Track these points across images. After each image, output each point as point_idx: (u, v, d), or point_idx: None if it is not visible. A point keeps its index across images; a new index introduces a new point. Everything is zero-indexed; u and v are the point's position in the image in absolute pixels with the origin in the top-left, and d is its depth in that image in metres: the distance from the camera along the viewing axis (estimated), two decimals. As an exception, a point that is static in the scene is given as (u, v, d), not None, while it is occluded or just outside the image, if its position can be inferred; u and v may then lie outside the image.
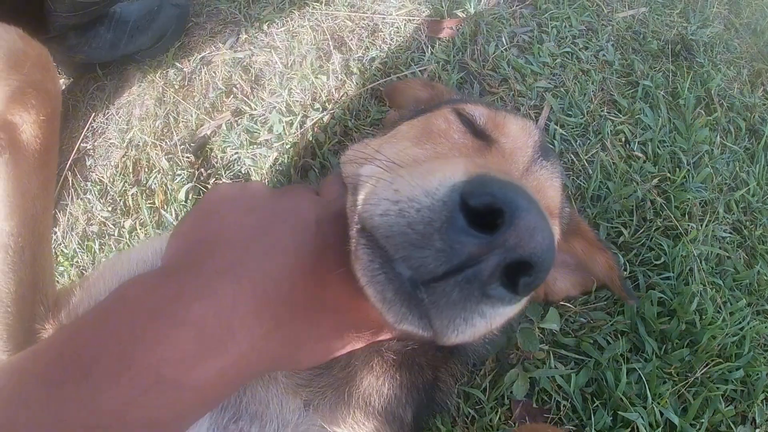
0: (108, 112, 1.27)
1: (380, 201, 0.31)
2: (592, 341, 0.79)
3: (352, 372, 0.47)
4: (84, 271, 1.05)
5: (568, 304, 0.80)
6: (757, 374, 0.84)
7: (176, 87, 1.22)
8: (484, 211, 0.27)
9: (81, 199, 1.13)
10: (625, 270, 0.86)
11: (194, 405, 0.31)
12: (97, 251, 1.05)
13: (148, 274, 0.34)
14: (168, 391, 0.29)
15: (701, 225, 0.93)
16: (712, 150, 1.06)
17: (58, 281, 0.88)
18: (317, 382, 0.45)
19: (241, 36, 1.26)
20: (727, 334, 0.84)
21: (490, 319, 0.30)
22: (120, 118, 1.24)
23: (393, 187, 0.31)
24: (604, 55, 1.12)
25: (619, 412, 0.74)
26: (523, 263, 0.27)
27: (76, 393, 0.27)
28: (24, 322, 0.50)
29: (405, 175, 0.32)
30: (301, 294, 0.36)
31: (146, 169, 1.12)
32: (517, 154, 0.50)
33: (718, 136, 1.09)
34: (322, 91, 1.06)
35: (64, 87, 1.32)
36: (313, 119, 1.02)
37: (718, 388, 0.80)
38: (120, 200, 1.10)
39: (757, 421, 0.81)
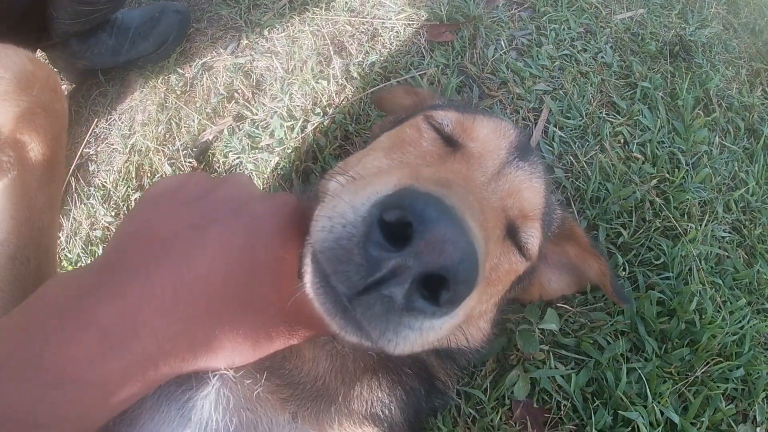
0: (110, 118, 1.29)
1: (320, 218, 0.33)
2: (592, 341, 0.81)
3: (327, 382, 0.48)
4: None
5: (567, 306, 0.82)
6: (758, 373, 0.85)
7: (178, 92, 1.24)
8: (399, 224, 0.28)
9: (84, 204, 1.15)
10: (625, 270, 0.88)
11: (100, 402, 0.32)
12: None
13: (72, 272, 0.37)
14: (72, 389, 0.30)
15: (700, 225, 0.95)
16: (711, 150, 1.08)
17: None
18: (298, 395, 0.46)
19: (242, 41, 1.29)
20: (727, 333, 0.85)
21: (421, 331, 0.31)
22: (122, 123, 1.27)
23: (332, 204, 0.33)
24: (602, 57, 1.15)
25: (619, 412, 0.75)
26: (441, 277, 0.28)
27: None
28: None
29: (345, 192, 0.34)
30: (222, 294, 0.36)
31: (149, 174, 1.15)
32: (486, 157, 0.51)
33: (717, 137, 1.11)
34: (322, 95, 1.09)
35: (66, 93, 1.34)
36: (314, 124, 1.05)
37: (718, 386, 0.81)
38: (123, 205, 1.12)
39: (758, 420, 0.83)
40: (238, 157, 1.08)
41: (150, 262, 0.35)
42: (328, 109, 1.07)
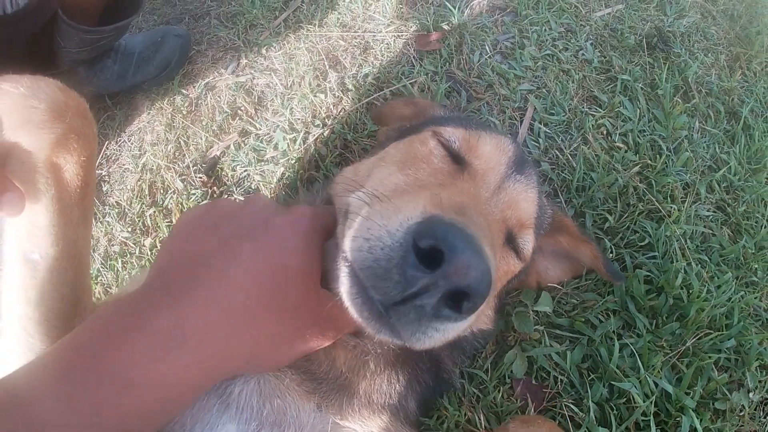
0: (120, 140, 1.42)
1: (356, 238, 0.42)
2: (584, 320, 0.90)
3: (348, 378, 0.56)
4: (108, 289, 1.18)
5: (559, 287, 0.91)
6: (749, 343, 0.94)
7: (184, 112, 1.37)
8: (431, 251, 0.37)
9: (101, 222, 1.27)
10: (612, 253, 0.97)
11: (159, 404, 0.38)
12: (120, 269, 1.19)
13: (124, 295, 0.42)
14: (134, 391, 0.36)
15: (683, 206, 1.04)
16: (692, 135, 1.17)
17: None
18: (323, 388, 0.55)
19: (241, 61, 1.41)
20: (715, 306, 0.94)
21: (443, 332, 0.40)
22: (132, 144, 1.39)
23: (366, 226, 0.42)
24: (583, 55, 1.25)
25: (614, 384, 0.84)
26: (464, 293, 0.37)
27: (54, 394, 0.34)
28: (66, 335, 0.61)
29: (376, 215, 0.43)
30: (255, 303, 0.42)
31: (161, 191, 1.26)
32: (488, 174, 0.60)
33: (697, 122, 1.20)
34: (321, 108, 1.20)
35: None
36: (314, 135, 1.16)
37: (710, 357, 0.89)
38: (139, 221, 1.24)
39: (750, 386, 0.91)
40: (246, 170, 1.19)
41: (192, 279, 0.41)
42: (326, 120, 1.18)
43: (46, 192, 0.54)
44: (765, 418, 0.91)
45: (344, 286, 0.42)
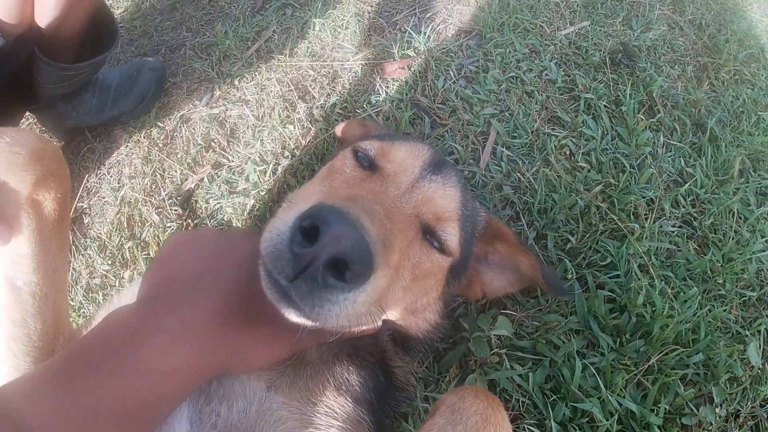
0: (100, 172, 1.49)
1: (265, 234, 0.49)
2: (546, 341, 0.95)
3: (304, 358, 0.63)
4: (92, 321, 1.24)
5: (514, 313, 0.96)
6: (718, 356, 0.97)
7: (160, 145, 1.43)
8: (311, 229, 0.43)
9: (82, 254, 1.33)
10: (574, 274, 1.01)
11: (172, 387, 0.47)
12: (101, 301, 1.25)
13: (125, 305, 0.52)
14: (152, 377, 0.45)
15: (647, 223, 1.09)
16: (656, 150, 1.22)
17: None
18: (277, 367, 0.60)
19: (215, 92, 1.49)
20: (679, 322, 0.98)
21: (339, 303, 0.45)
22: (111, 177, 1.46)
23: (273, 223, 0.49)
24: (547, 75, 1.31)
25: (576, 405, 0.88)
26: (343, 260, 0.42)
27: (85, 386, 0.42)
28: (46, 355, 0.67)
29: (281, 213, 0.51)
30: (238, 311, 0.53)
31: (139, 224, 1.33)
32: (400, 175, 0.66)
33: (662, 136, 1.26)
34: (290, 139, 1.27)
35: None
36: (284, 166, 1.22)
37: (675, 373, 0.93)
38: (118, 254, 1.30)
39: (716, 401, 0.94)
40: (218, 203, 1.25)
41: (191, 292, 0.53)
42: (296, 151, 1.24)
43: (28, 225, 0.65)
44: (736, 431, 0.95)
45: (261, 276, 0.49)
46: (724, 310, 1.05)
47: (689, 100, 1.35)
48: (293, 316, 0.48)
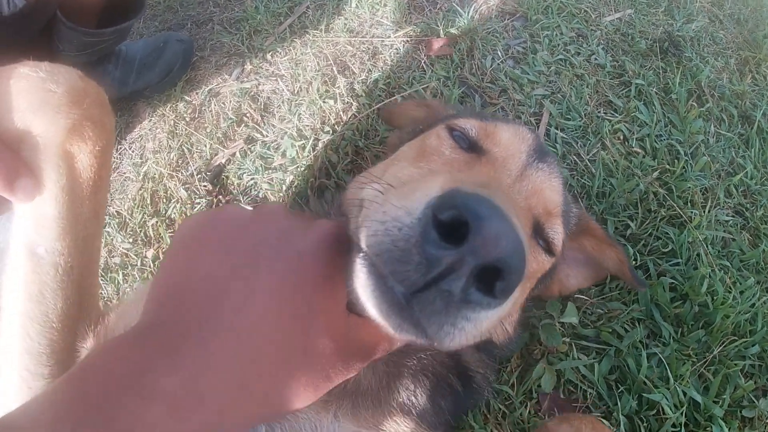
0: (120, 147, 1.40)
1: (371, 223, 0.36)
2: (610, 330, 0.90)
3: (368, 384, 0.54)
4: (109, 302, 1.16)
5: (585, 297, 0.91)
6: (774, 349, 0.94)
7: (187, 119, 1.36)
8: (453, 223, 0.32)
9: (101, 234, 1.25)
10: (636, 260, 0.97)
11: None
12: (121, 282, 1.17)
13: (119, 337, 0.36)
14: None
15: (704, 211, 1.06)
16: (708, 139, 1.19)
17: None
18: (342, 394, 0.52)
19: (246, 66, 1.41)
20: (739, 312, 0.95)
21: (476, 322, 0.34)
22: (133, 152, 1.37)
23: (382, 209, 0.37)
24: (595, 59, 1.27)
25: (644, 395, 0.84)
26: (495, 269, 0.31)
27: None
28: (67, 339, 0.56)
29: (392, 197, 0.38)
30: (277, 347, 0.37)
31: (164, 200, 1.25)
32: (508, 161, 0.58)
33: (712, 126, 1.23)
34: (330, 114, 1.20)
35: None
36: (324, 141, 1.16)
37: (736, 364, 0.90)
38: (140, 231, 1.22)
39: (778, 394, 0.91)
40: (252, 178, 1.18)
41: (202, 323, 0.35)
42: (336, 126, 1.18)
43: (57, 181, 0.52)
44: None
45: (360, 279, 0.37)
46: (778, 303, 1.02)
47: (735, 92, 1.32)
48: (406, 335, 0.36)
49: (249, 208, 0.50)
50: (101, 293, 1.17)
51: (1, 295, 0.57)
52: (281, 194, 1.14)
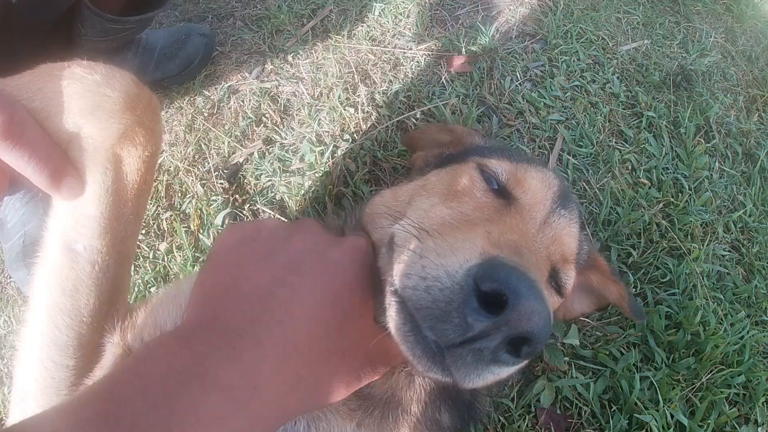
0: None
1: (411, 276, 0.41)
2: (607, 353, 0.97)
3: (394, 395, 0.59)
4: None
5: (587, 320, 0.97)
6: (758, 379, 1.02)
7: (205, 114, 1.39)
8: (493, 294, 0.37)
9: (113, 224, 1.28)
10: (635, 288, 1.04)
11: None
12: (132, 273, 1.20)
13: (171, 333, 0.40)
14: None
15: (703, 245, 1.13)
16: (711, 175, 1.26)
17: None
18: (365, 405, 0.57)
19: (266, 66, 1.45)
20: (728, 343, 1.02)
21: (497, 374, 0.41)
22: (149, 144, 1.41)
23: (422, 263, 0.42)
24: (610, 88, 1.34)
25: (634, 415, 0.90)
26: (526, 339, 0.37)
27: None
28: (95, 334, 0.58)
29: (431, 253, 0.43)
30: (319, 345, 0.42)
31: (179, 194, 1.28)
32: (535, 209, 0.61)
33: (717, 162, 1.30)
34: (350, 122, 1.25)
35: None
36: (343, 149, 1.20)
37: (722, 392, 0.97)
38: (154, 224, 1.25)
39: (759, 421, 0.98)
40: (270, 180, 1.22)
41: (256, 322, 0.39)
42: (356, 135, 1.23)
43: (102, 182, 0.54)
44: (771, 454, 0.99)
45: (394, 321, 0.42)
46: (765, 336, 1.09)
47: (741, 130, 1.40)
48: (432, 375, 0.42)
49: (286, 223, 0.55)
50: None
51: (33, 287, 0.59)
52: (298, 198, 1.18)
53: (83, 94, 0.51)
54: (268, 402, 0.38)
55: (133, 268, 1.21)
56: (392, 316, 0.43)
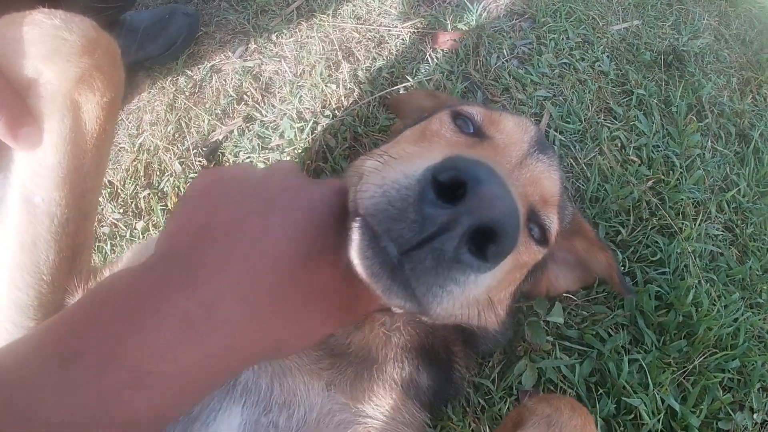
0: (117, 118, 1.38)
1: (369, 187, 0.37)
2: (594, 333, 0.90)
3: (370, 353, 0.54)
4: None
5: (573, 297, 0.91)
6: (753, 364, 0.95)
7: (187, 94, 1.34)
8: (451, 184, 0.32)
9: (90, 203, 1.22)
10: (624, 266, 0.97)
11: (177, 396, 0.33)
12: (109, 252, 1.14)
13: (136, 266, 0.36)
14: (149, 383, 0.31)
15: (695, 224, 1.06)
16: (704, 154, 1.19)
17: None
18: (338, 365, 0.52)
19: (250, 45, 1.39)
20: (722, 326, 0.95)
21: (465, 286, 0.34)
22: (130, 123, 1.35)
23: (381, 174, 0.37)
24: (599, 66, 1.27)
25: (623, 399, 0.84)
26: (488, 231, 0.31)
27: (76, 379, 0.29)
28: (56, 293, 0.55)
29: (393, 164, 0.39)
30: (288, 283, 0.38)
31: (158, 173, 1.23)
32: (510, 148, 0.58)
33: (710, 141, 1.23)
34: (332, 98, 1.19)
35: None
36: (323, 125, 1.14)
37: (715, 376, 0.90)
38: (132, 202, 1.20)
39: (755, 408, 0.92)
40: (249, 157, 1.17)
41: (222, 250, 0.36)
42: (337, 111, 1.17)
43: (60, 131, 0.51)
44: (766, 440, 0.92)
45: (354, 242, 0.37)
46: (760, 319, 1.03)
47: (734, 110, 1.33)
48: (394, 299, 0.36)
49: (260, 168, 0.51)
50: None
51: None
52: (276, 175, 1.12)
53: (42, 39, 0.48)
54: (227, 336, 0.34)
55: (109, 246, 1.16)
56: (351, 238, 0.37)
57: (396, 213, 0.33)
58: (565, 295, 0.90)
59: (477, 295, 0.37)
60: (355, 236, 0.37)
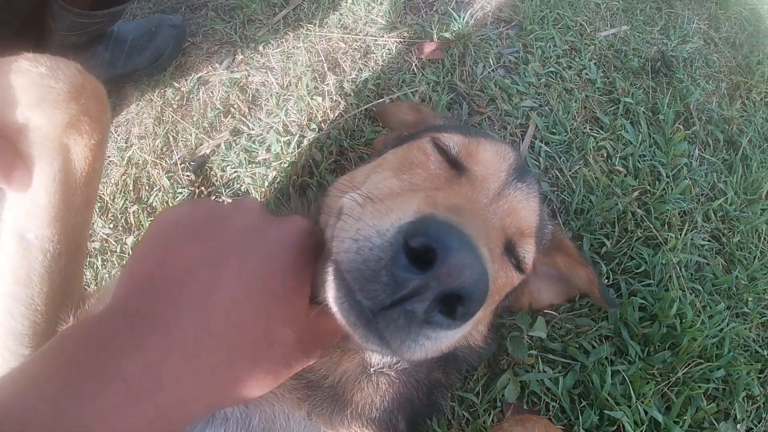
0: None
1: (344, 239, 0.39)
2: (578, 346, 0.90)
3: (345, 388, 0.56)
4: (86, 287, 1.14)
5: (554, 313, 0.91)
6: (738, 373, 0.95)
7: (175, 106, 1.33)
8: (423, 250, 0.34)
9: (80, 218, 1.22)
10: (608, 278, 0.97)
11: None
12: (100, 267, 1.15)
13: (86, 320, 0.37)
14: None
15: (680, 234, 1.06)
16: (691, 162, 1.19)
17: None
18: (315, 396, 0.54)
19: (237, 56, 1.39)
20: (707, 336, 0.95)
21: (436, 340, 0.37)
22: (119, 136, 1.34)
23: (356, 227, 0.39)
24: (586, 74, 1.26)
25: (605, 411, 0.84)
26: (458, 295, 0.34)
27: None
28: (50, 323, 0.58)
29: (368, 215, 0.40)
30: (241, 333, 0.38)
31: (147, 187, 1.22)
32: (488, 180, 0.59)
33: (697, 149, 1.22)
34: (317, 111, 1.18)
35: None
36: (309, 139, 1.14)
37: (699, 387, 0.90)
38: (121, 217, 1.20)
39: (738, 417, 0.92)
40: (236, 171, 1.16)
41: (168, 308, 0.36)
42: (323, 124, 1.16)
43: (50, 172, 0.54)
44: (752, 449, 0.92)
45: (331, 290, 0.39)
46: (746, 328, 1.03)
47: (723, 117, 1.32)
48: (371, 346, 0.38)
49: (227, 200, 0.52)
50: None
51: None
52: (263, 189, 1.12)
53: (29, 87, 0.51)
54: (172, 397, 0.34)
55: (100, 262, 1.16)
56: (329, 284, 0.40)
57: (370, 274, 0.35)
58: (547, 310, 0.90)
59: (451, 344, 0.40)
60: (331, 285, 0.39)
